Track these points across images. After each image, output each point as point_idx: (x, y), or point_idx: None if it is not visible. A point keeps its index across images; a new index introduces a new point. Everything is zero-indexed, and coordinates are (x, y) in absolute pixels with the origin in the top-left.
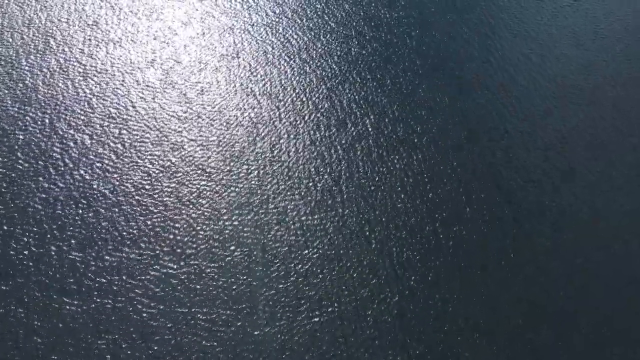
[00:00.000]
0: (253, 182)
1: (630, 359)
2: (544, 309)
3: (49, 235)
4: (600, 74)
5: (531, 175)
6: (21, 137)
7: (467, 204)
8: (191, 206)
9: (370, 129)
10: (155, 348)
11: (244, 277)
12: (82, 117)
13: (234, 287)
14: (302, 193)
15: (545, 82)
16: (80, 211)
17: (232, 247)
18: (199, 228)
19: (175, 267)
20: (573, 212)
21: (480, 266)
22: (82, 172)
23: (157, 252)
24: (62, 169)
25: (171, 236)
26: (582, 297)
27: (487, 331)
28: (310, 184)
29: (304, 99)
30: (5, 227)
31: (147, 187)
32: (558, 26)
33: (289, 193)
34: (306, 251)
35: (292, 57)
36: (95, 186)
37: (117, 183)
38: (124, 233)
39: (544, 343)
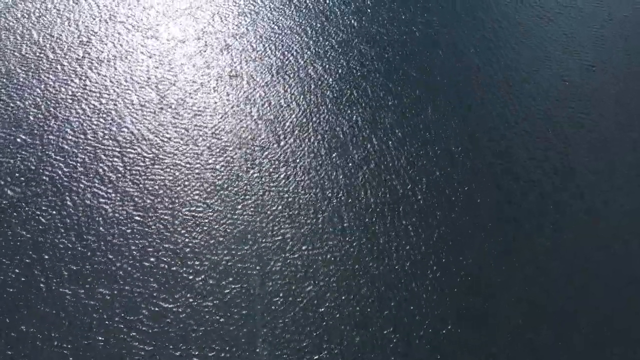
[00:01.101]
0: (251, 211)
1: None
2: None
3: (38, 267)
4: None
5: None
6: (11, 161)
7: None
8: (186, 236)
9: (373, 152)
10: None
11: (242, 313)
12: (75, 140)
13: (231, 323)
14: (303, 222)
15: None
16: (71, 242)
17: (230, 281)
18: (194, 260)
19: (169, 302)
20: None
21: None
22: (73, 199)
23: (151, 286)
24: (53, 196)
25: (165, 270)
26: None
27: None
28: (312, 212)
29: (304, 121)
30: None
31: (141, 215)
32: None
33: (289, 222)
34: (308, 285)
35: (291, 76)
36: (86, 214)
37: (110, 211)
38: (116, 266)
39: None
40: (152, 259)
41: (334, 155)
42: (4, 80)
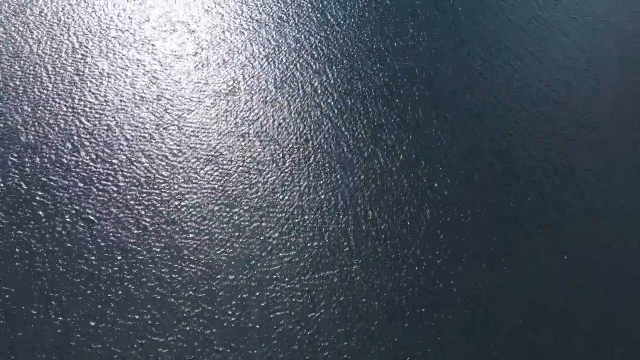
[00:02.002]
0: (252, 234)
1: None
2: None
3: (28, 297)
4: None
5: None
6: (1, 183)
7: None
8: (182, 264)
9: (378, 171)
10: None
11: (241, 347)
12: (69, 160)
13: (231, 357)
14: (306, 246)
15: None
16: (63, 269)
17: (229, 314)
18: (191, 289)
19: (163, 335)
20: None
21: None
22: (66, 223)
23: (147, 316)
24: (45, 220)
25: (159, 300)
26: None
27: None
28: (315, 236)
29: (307, 139)
30: None
31: (137, 240)
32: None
33: (291, 247)
34: (310, 313)
35: (293, 92)
36: (80, 240)
37: (105, 236)
38: (111, 295)
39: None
40: (146, 290)
41: (337, 174)
42: None
